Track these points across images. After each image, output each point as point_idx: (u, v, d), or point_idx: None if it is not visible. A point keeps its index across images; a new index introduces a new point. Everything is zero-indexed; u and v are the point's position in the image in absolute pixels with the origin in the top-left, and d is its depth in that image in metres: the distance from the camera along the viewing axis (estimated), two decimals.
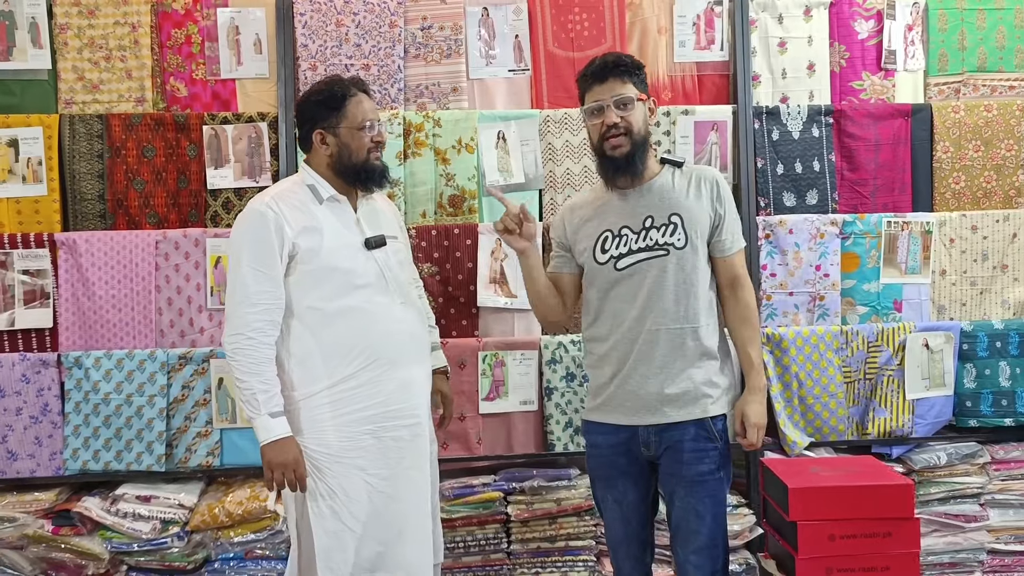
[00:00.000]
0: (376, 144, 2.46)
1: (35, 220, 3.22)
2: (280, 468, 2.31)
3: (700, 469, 2.32)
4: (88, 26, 3.25)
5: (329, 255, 2.37)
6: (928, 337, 3.38)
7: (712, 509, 2.34)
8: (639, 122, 2.36)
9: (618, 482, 2.43)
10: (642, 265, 2.35)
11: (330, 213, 2.43)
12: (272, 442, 2.31)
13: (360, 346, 2.38)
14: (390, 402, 2.41)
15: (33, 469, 3.16)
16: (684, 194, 2.39)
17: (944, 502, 3.34)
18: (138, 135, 3.24)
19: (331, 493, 2.38)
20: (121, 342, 3.21)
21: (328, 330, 2.37)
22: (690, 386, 2.34)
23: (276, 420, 2.32)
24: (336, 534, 2.37)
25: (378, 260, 2.44)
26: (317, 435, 2.39)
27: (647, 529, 2.50)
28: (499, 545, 3.24)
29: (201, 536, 3.12)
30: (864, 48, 3.52)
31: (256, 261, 2.32)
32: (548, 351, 3.29)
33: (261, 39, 3.31)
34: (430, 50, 3.37)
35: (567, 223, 2.53)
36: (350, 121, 2.42)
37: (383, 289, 2.43)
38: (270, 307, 2.33)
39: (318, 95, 2.45)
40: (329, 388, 2.38)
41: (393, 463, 2.42)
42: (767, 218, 3.40)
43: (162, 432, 3.15)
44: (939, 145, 3.48)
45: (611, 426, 2.41)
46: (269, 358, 2.34)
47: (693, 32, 3.45)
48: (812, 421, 3.36)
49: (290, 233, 2.34)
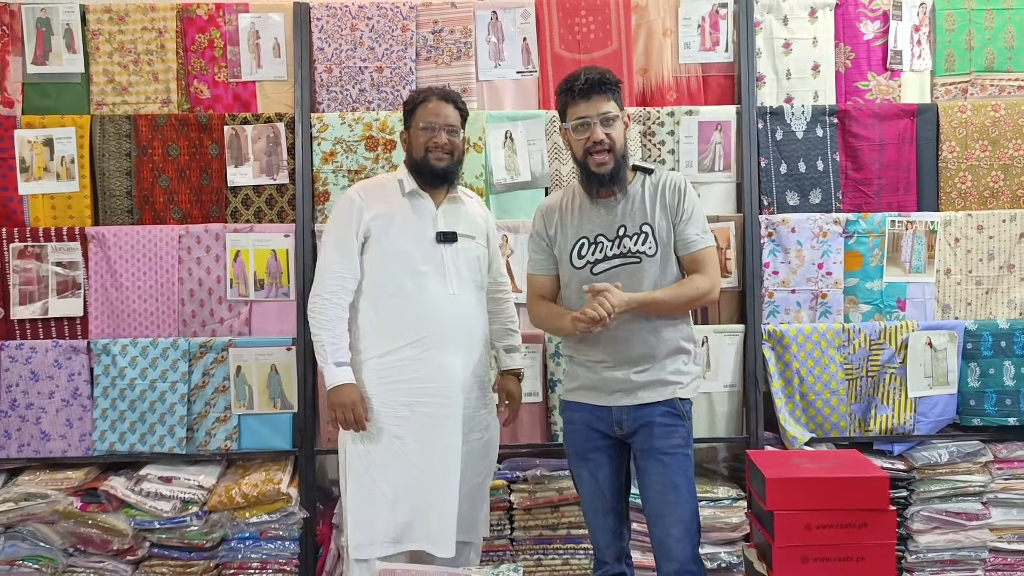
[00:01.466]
0: (435, 146, 2.67)
1: (68, 215, 3.41)
2: (340, 408, 2.60)
3: (672, 442, 2.46)
4: (118, 31, 3.42)
5: (396, 240, 2.67)
6: (931, 336, 3.39)
7: (686, 483, 2.46)
8: (620, 138, 2.50)
9: (592, 455, 2.57)
10: (616, 271, 2.50)
11: (408, 205, 2.71)
12: (336, 387, 2.62)
13: (407, 325, 2.64)
14: (425, 380, 2.64)
15: (64, 449, 3.33)
16: (653, 203, 2.52)
17: (945, 500, 3.34)
18: (163, 135, 3.40)
19: (367, 452, 2.65)
20: (146, 331, 3.38)
21: (384, 305, 2.67)
22: (662, 375, 2.49)
23: (340, 369, 2.63)
24: (367, 488, 2.64)
25: (444, 253, 2.68)
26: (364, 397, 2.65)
27: (622, 504, 2.62)
28: (503, 532, 3.32)
29: (218, 516, 3.24)
30: (870, 49, 3.53)
31: (337, 238, 2.70)
32: (552, 344, 3.38)
33: (280, 43, 3.45)
34: (441, 53, 3.48)
35: (546, 221, 2.67)
36: (415, 122, 2.73)
37: (440, 280, 2.66)
38: (343, 276, 2.67)
39: (407, 101, 2.80)
40: (379, 358, 2.67)
41: (424, 437, 2.63)
42: (770, 217, 3.44)
43: (183, 416, 3.31)
44: (945, 145, 3.48)
45: (588, 405, 2.56)
46: (340, 317, 2.67)
47: (698, 34, 3.50)
48: (813, 417, 3.40)
49: (366, 217, 2.67)
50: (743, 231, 3.43)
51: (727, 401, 3.44)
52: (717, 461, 3.71)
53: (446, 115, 2.71)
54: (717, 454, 3.71)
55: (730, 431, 3.45)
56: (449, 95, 2.75)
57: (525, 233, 3.36)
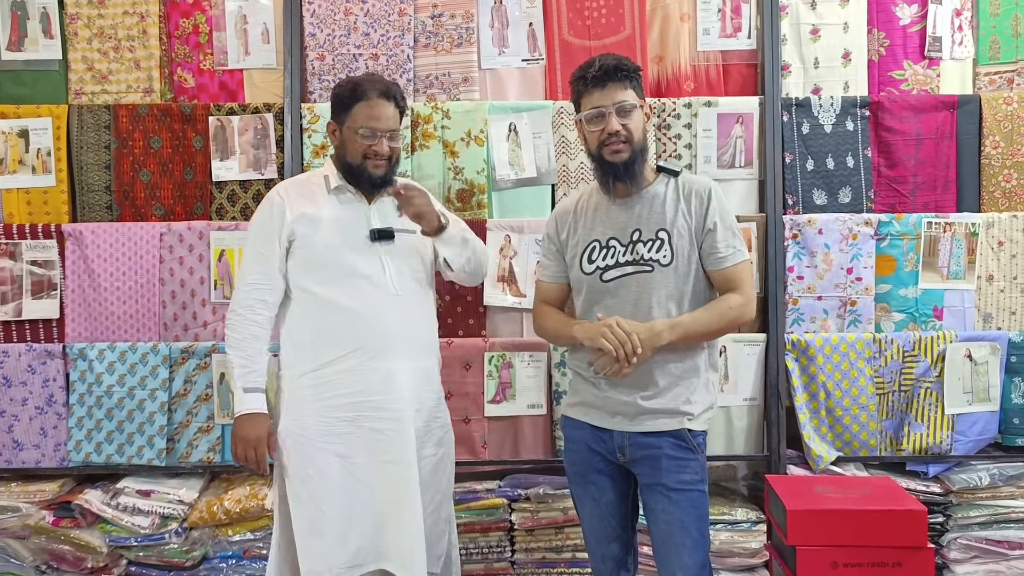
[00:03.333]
0: (375, 153, 2.43)
1: (44, 211, 3.23)
2: (243, 443, 2.37)
3: (682, 478, 2.23)
4: (98, 16, 3.24)
5: (324, 243, 2.42)
6: (971, 347, 3.16)
7: (697, 523, 2.23)
8: (639, 129, 2.30)
9: (595, 479, 2.37)
10: (627, 279, 2.29)
11: (337, 203, 2.47)
12: (242, 416, 2.38)
13: (346, 333, 2.40)
14: (369, 392, 2.41)
15: (38, 459, 3.17)
16: (674, 208, 2.30)
17: (985, 527, 3.13)
18: (144, 126, 3.22)
19: (308, 477, 2.39)
20: (125, 335, 3.20)
21: (318, 315, 2.42)
22: (669, 402, 2.26)
23: (249, 395, 2.38)
24: (313, 518, 2.39)
25: (381, 253, 2.45)
26: (298, 417, 2.42)
27: (627, 531, 2.40)
28: (502, 554, 3.16)
29: (199, 533, 3.10)
30: (906, 35, 3.29)
31: (257, 243, 2.46)
32: (557, 353, 3.17)
33: (269, 28, 3.26)
34: (440, 39, 3.27)
35: (559, 224, 2.48)
36: (351, 123, 2.44)
37: (380, 281, 2.43)
38: (262, 287, 2.42)
39: (338, 88, 2.50)
40: (314, 371, 2.41)
41: (372, 454, 2.41)
42: (795, 217, 3.22)
43: (163, 426, 3.14)
44: (988, 140, 3.24)
45: (589, 425, 2.36)
46: (255, 335, 2.41)
47: (718, 19, 3.28)
48: (841, 435, 3.17)
49: (289, 219, 2.42)
50: (765, 232, 3.21)
51: (747, 415, 3.22)
52: (736, 479, 3.47)
53: (387, 118, 2.44)
54: (736, 472, 3.47)
55: (750, 448, 3.23)
56: (389, 91, 2.46)
57: (529, 233, 3.18)
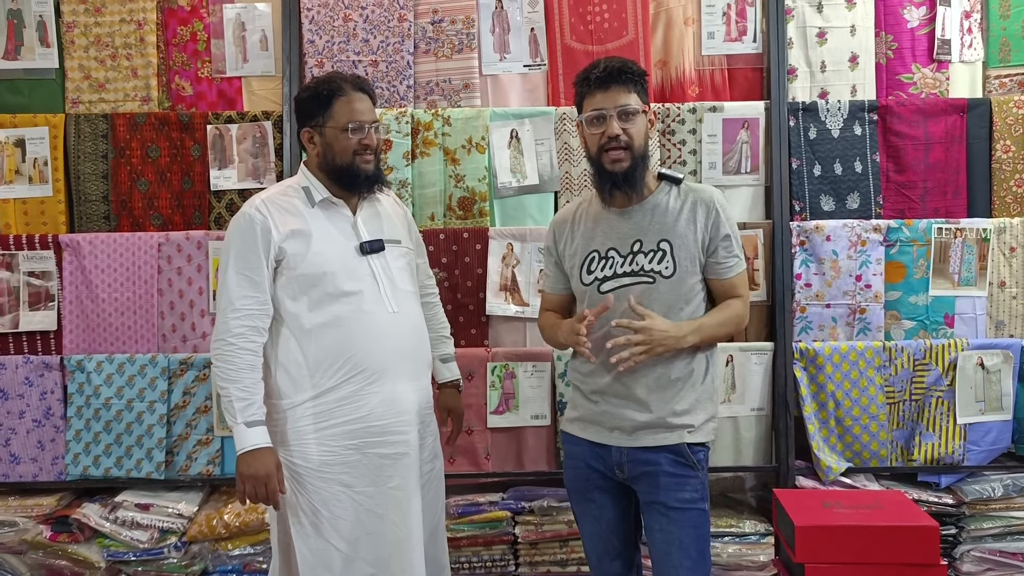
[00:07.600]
0: (364, 148, 2.32)
1: (41, 221, 3.19)
2: (251, 481, 2.18)
3: (681, 496, 2.16)
4: (95, 24, 3.20)
5: (316, 260, 2.26)
6: (983, 355, 3.10)
7: (697, 543, 2.16)
8: (640, 135, 2.21)
9: (595, 496, 2.30)
10: (626, 291, 2.21)
11: (323, 216, 2.32)
12: (246, 452, 2.18)
13: (344, 357, 2.25)
14: (373, 417, 2.27)
15: (36, 473, 3.12)
16: (676, 218, 2.23)
17: (999, 538, 3.06)
18: (142, 135, 3.18)
19: (314, 510, 2.25)
20: (124, 346, 3.16)
21: (314, 338, 2.26)
22: (666, 416, 2.19)
23: (252, 430, 2.19)
24: (321, 553, 2.26)
25: (373, 267, 2.32)
26: (300, 448, 2.27)
27: (630, 549, 2.33)
28: (506, 568, 3.10)
29: (199, 547, 3.05)
30: (914, 37, 3.23)
31: (241, 265, 2.23)
32: (561, 363, 3.11)
33: (267, 36, 3.22)
34: (441, 45, 3.22)
35: (556, 234, 2.41)
36: (335, 121, 2.30)
37: (375, 298, 2.30)
38: (253, 313, 2.23)
39: (306, 91, 2.35)
40: (313, 399, 2.26)
41: (379, 480, 2.28)
42: (802, 223, 3.16)
43: (162, 439, 3.09)
44: (999, 144, 3.18)
45: (587, 441, 2.29)
46: (251, 364, 2.22)
47: (723, 22, 3.22)
48: (851, 445, 3.10)
49: (277, 237, 2.24)
50: (772, 239, 3.15)
51: (754, 426, 3.15)
52: (744, 491, 3.40)
53: (369, 110, 2.33)
54: (744, 483, 3.41)
55: (758, 459, 3.16)
56: (363, 83, 2.35)
57: (532, 242, 3.13)
